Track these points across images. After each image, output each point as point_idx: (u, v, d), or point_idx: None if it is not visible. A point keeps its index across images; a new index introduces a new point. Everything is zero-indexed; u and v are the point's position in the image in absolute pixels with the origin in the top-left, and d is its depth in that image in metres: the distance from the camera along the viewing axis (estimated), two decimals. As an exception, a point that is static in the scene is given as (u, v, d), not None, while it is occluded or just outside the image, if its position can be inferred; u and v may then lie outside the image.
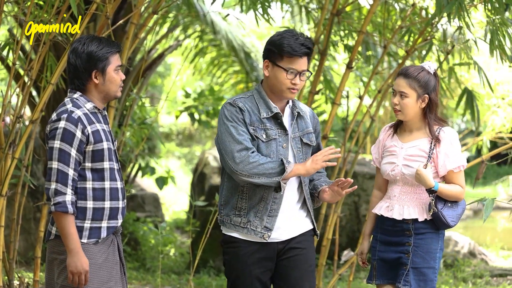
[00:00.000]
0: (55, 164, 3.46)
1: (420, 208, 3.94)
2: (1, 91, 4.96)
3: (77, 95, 3.59)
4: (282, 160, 3.76)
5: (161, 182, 9.02)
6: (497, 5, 4.79)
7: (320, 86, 6.15)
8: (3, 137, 4.73)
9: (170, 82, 18.95)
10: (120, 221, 3.65)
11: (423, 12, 6.19)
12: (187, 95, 10.06)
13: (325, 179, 3.99)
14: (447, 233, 10.23)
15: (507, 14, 5.00)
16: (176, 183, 9.38)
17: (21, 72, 6.53)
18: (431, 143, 3.92)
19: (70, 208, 3.45)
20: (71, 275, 3.46)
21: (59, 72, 4.73)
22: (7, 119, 5.34)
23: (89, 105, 3.57)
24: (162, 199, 13.44)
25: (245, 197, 3.85)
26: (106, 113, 3.71)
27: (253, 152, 3.77)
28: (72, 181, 3.48)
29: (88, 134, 3.50)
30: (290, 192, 3.86)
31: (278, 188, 3.77)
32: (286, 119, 3.86)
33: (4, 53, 5.35)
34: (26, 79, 4.87)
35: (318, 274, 5.86)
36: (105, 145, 3.56)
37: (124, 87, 7.73)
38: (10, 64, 5.28)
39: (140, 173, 9.68)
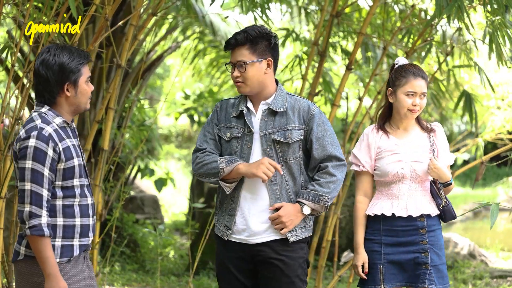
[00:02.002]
0: (28, 186, 3.30)
1: (428, 203, 3.98)
2: (0, 93, 4.95)
3: (45, 109, 3.41)
4: (225, 160, 3.73)
5: (160, 184, 9.02)
6: (496, 7, 4.78)
7: (319, 88, 6.15)
8: (2, 139, 4.72)
9: (169, 84, 18.94)
10: (91, 239, 3.52)
11: (422, 14, 6.19)
12: (187, 97, 10.06)
13: (309, 189, 3.73)
14: (447, 234, 10.22)
15: (507, 16, 4.98)
16: (175, 185, 9.38)
17: (20, 74, 6.52)
18: (429, 138, 3.98)
19: (47, 231, 3.30)
20: None
21: (58, 74, 4.71)
22: (6, 121, 5.32)
23: (58, 120, 3.41)
24: (162, 201, 13.43)
25: (219, 195, 3.90)
26: (75, 126, 3.56)
27: (203, 152, 3.80)
28: (47, 202, 3.33)
29: (60, 151, 3.35)
30: (253, 193, 3.77)
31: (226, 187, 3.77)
32: (256, 117, 3.79)
33: (3, 55, 5.34)
34: (25, 81, 4.86)
35: (318, 275, 5.85)
36: (75, 161, 3.41)
37: (123, 89, 7.72)
38: (9, 66, 5.27)
39: (139, 174, 9.68)
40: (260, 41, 3.72)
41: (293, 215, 3.71)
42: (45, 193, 3.32)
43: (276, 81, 3.86)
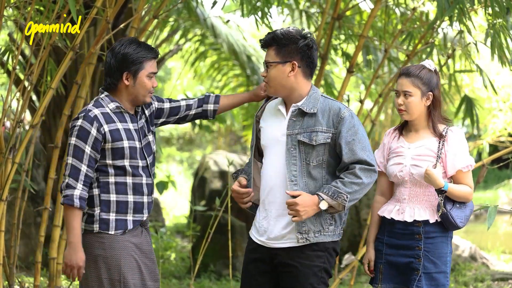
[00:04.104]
0: (69, 160, 3.57)
1: (431, 210, 3.90)
2: (1, 96, 4.96)
3: (103, 95, 3.69)
4: (243, 170, 3.90)
5: (161, 186, 9.00)
6: (497, 9, 4.79)
7: (321, 90, 6.14)
8: (4, 141, 4.73)
9: (171, 86, 18.96)
10: (146, 215, 3.73)
11: (423, 17, 6.19)
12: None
13: (331, 185, 3.66)
14: (448, 237, 10.19)
15: (509, 18, 4.99)
16: (176, 188, 9.37)
17: (21, 76, 6.53)
18: (439, 143, 3.90)
19: (77, 202, 3.52)
20: (65, 266, 3.57)
21: (59, 76, 4.72)
22: (8, 124, 5.33)
23: (112, 105, 3.66)
24: (163, 203, 13.43)
25: None
26: (141, 109, 3.77)
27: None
28: (85, 176, 3.57)
29: (104, 132, 3.59)
30: (273, 196, 3.75)
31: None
32: (286, 119, 3.75)
33: (4, 58, 5.35)
34: (26, 83, 4.87)
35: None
36: (125, 143, 3.63)
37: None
38: (10, 69, 5.27)
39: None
40: (287, 43, 3.65)
41: (308, 206, 3.61)
42: (83, 168, 3.57)
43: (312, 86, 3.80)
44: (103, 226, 3.63)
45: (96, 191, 3.64)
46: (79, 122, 3.59)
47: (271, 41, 3.68)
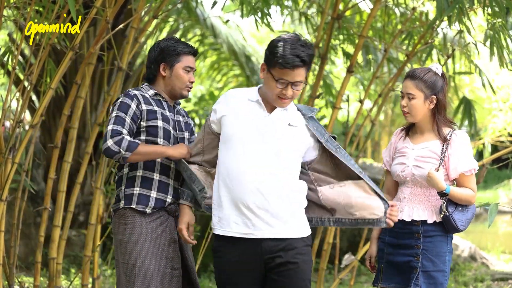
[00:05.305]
0: (109, 127, 3.64)
1: (430, 210, 3.92)
2: (1, 96, 4.96)
3: (144, 85, 3.89)
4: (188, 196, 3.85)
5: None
6: (497, 9, 4.79)
7: (320, 90, 6.15)
8: (3, 142, 4.72)
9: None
10: (170, 198, 3.76)
11: (423, 17, 6.20)
12: (188, 100, 10.06)
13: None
14: (448, 237, 10.20)
15: (508, 18, 4.99)
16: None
17: (21, 76, 6.52)
18: (443, 146, 3.91)
19: (134, 143, 3.61)
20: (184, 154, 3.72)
21: (59, 76, 4.72)
22: (7, 124, 5.33)
23: (151, 91, 3.84)
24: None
25: None
26: (179, 106, 3.96)
27: None
28: (128, 129, 3.66)
29: (142, 110, 3.74)
30: (260, 192, 3.52)
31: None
32: (270, 114, 3.64)
33: (4, 58, 5.35)
34: (26, 83, 4.87)
35: (319, 278, 5.85)
36: (159, 123, 3.76)
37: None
38: (10, 69, 5.27)
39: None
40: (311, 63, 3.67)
41: None
42: (124, 131, 3.66)
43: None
44: (126, 202, 3.73)
45: (125, 170, 3.78)
46: (120, 99, 3.75)
47: (309, 62, 3.61)
